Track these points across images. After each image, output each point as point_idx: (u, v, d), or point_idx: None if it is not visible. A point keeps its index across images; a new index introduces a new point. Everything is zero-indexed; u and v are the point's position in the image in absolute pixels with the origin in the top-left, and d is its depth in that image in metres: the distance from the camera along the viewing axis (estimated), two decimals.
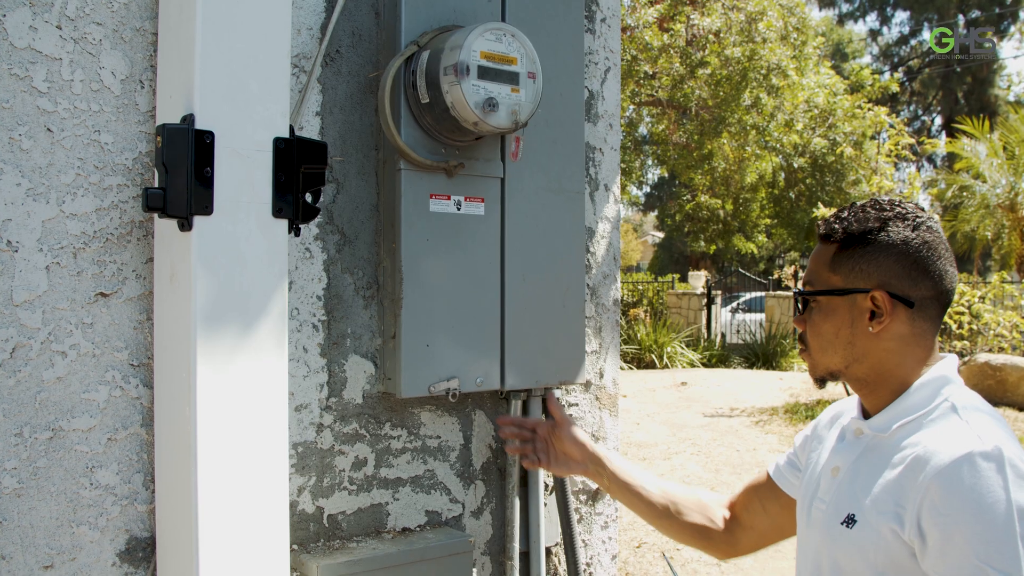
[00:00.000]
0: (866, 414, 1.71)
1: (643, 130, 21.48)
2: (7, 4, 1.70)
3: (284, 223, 1.77)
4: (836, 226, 1.69)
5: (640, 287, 22.27)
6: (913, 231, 1.63)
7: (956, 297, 10.89)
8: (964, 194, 16.18)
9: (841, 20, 36.71)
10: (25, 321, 1.72)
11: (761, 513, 2.00)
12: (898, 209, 1.66)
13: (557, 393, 2.42)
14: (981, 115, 17.32)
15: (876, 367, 1.66)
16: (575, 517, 2.46)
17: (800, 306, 1.76)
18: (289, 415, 2.02)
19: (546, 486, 2.48)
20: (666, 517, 2.07)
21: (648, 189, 32.81)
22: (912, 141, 13.59)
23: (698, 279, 22.51)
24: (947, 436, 1.51)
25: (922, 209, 1.68)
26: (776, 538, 2.03)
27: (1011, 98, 32.74)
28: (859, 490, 1.61)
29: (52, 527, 1.75)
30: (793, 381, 12.59)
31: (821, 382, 1.76)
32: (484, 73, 1.98)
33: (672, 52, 17.08)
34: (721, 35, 16.81)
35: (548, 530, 2.49)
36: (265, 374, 1.74)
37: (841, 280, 1.67)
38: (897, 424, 1.61)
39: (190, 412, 1.67)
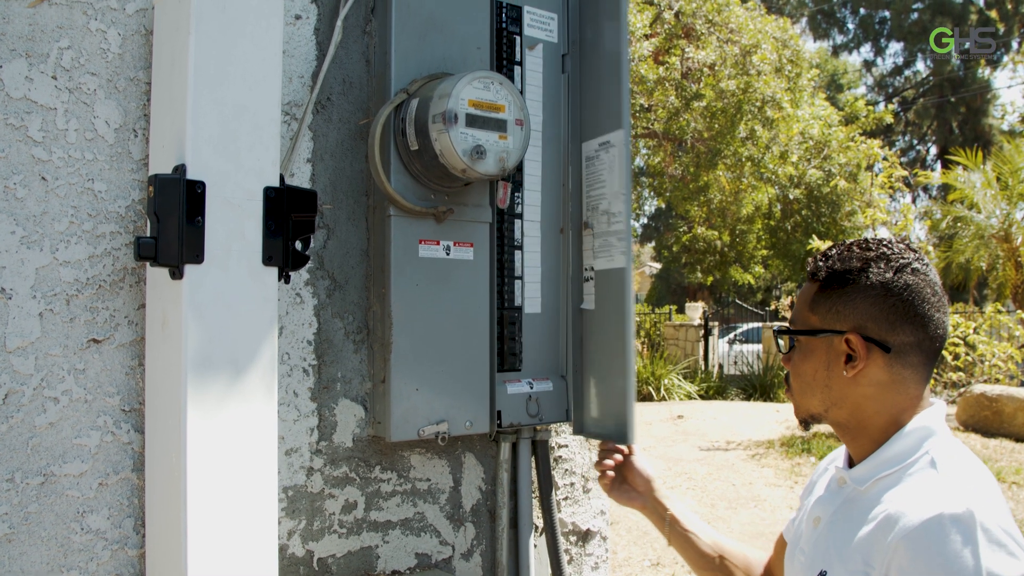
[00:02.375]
0: (852, 462, 1.67)
1: (639, 162, 21.58)
2: (3, 55, 1.73)
3: (274, 271, 1.79)
4: (820, 264, 1.66)
5: (637, 318, 22.28)
6: (895, 273, 1.58)
7: (951, 328, 10.87)
8: (959, 225, 16.24)
9: (836, 51, 36.97)
10: (18, 367, 1.74)
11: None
12: (883, 249, 1.62)
13: (545, 435, 2.44)
14: (975, 145, 17.42)
15: (855, 413, 1.62)
16: (565, 558, 2.47)
17: (782, 345, 1.74)
18: (279, 459, 2.04)
19: (536, 527, 2.49)
20: (711, 570, 2.05)
21: (645, 221, 32.92)
22: (905, 173, 13.63)
23: (695, 310, 22.55)
24: (920, 495, 1.46)
25: (913, 250, 1.63)
26: None
27: (1005, 127, 32.90)
28: (832, 546, 1.57)
29: (43, 572, 1.76)
30: (789, 413, 12.57)
31: (804, 424, 1.71)
32: (472, 121, 2.00)
33: (667, 85, 17.20)
34: (716, 68, 16.94)
35: (538, 572, 2.49)
36: (255, 420, 1.76)
37: (819, 320, 1.64)
38: (876, 477, 1.57)
39: (180, 457, 1.68)
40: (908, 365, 1.59)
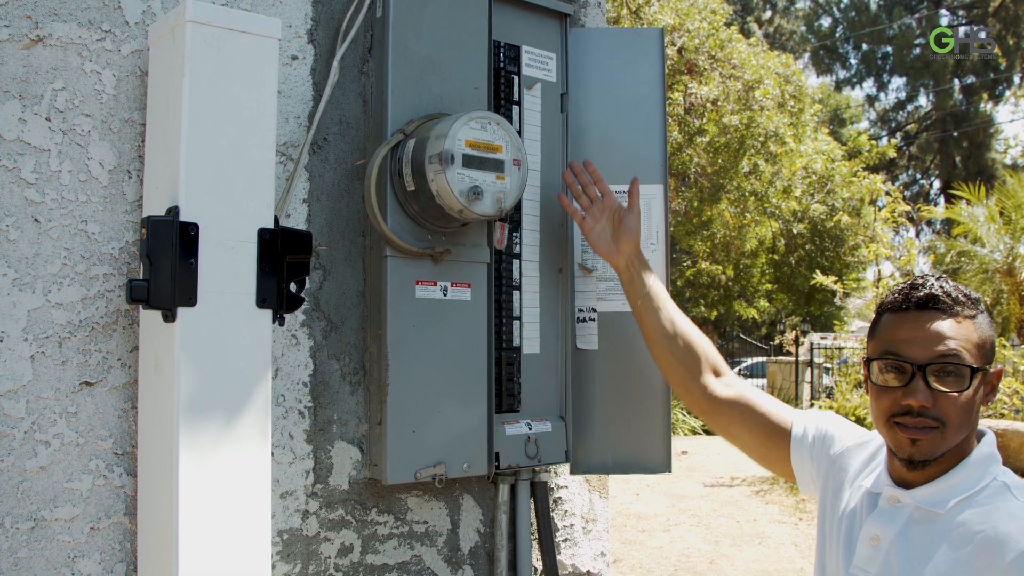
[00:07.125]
0: (901, 482, 1.69)
1: None
2: None
3: (268, 313, 1.78)
4: (953, 295, 1.70)
5: None
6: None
7: None
8: (962, 259, 16.21)
9: (839, 86, 37.11)
10: (9, 411, 1.72)
11: (740, 424, 2.02)
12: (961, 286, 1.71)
13: (544, 477, 2.41)
14: (978, 179, 17.43)
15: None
16: None
17: (957, 383, 1.63)
18: (274, 502, 2.01)
19: (535, 570, 2.45)
20: (666, 343, 2.15)
21: None
22: (908, 208, 13.64)
23: None
24: (1018, 518, 1.54)
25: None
26: (730, 440, 2.10)
27: (1008, 161, 32.93)
28: (916, 566, 1.59)
29: None
30: None
31: (923, 464, 1.62)
32: (469, 161, 1.99)
33: (670, 120, 17.22)
34: (719, 103, 16.96)
35: None
36: (248, 464, 1.74)
37: (978, 353, 1.66)
38: (954, 500, 1.60)
39: (173, 502, 1.66)
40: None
